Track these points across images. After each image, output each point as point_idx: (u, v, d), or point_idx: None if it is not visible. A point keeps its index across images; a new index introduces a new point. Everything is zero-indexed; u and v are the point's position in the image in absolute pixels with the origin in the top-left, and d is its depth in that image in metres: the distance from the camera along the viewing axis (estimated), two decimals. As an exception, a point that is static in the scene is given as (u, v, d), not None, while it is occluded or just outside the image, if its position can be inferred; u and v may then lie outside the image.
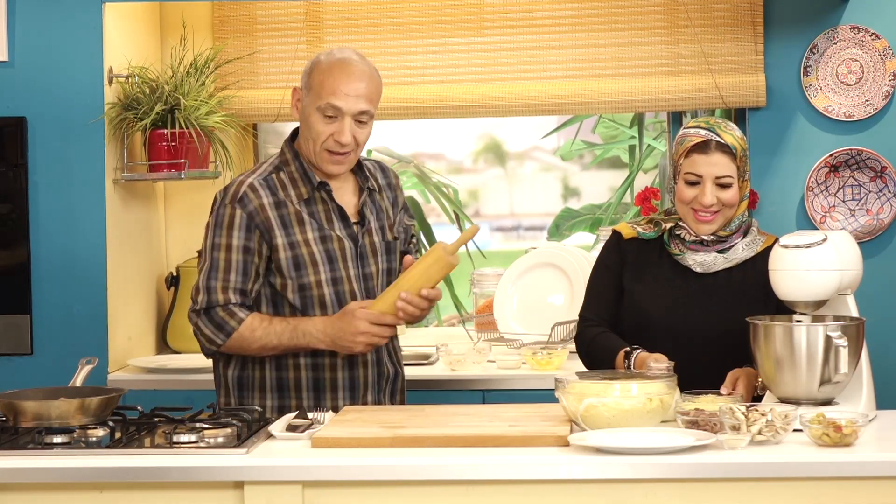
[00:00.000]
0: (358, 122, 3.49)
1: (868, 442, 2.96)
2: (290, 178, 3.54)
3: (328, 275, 3.50)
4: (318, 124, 3.48)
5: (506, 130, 5.65)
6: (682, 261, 3.52)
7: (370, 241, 3.58)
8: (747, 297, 3.47)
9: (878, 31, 4.54)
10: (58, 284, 4.40)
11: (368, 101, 3.50)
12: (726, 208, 3.46)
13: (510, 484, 2.86)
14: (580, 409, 3.04)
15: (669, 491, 2.84)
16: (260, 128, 5.08)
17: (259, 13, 4.82)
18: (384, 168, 3.74)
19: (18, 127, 4.38)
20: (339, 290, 3.51)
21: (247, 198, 3.50)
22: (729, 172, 3.44)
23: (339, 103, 3.46)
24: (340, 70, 3.48)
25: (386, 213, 3.64)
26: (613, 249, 3.62)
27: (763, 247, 3.53)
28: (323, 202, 3.54)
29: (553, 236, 5.39)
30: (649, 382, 3.08)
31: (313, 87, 3.49)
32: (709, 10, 4.67)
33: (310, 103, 3.50)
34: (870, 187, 4.55)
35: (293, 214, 3.50)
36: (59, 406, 3.07)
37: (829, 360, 3.13)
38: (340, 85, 3.46)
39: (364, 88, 3.49)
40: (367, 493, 2.87)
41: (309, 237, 3.50)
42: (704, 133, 3.45)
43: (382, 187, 3.67)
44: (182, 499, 2.90)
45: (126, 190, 4.55)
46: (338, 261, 3.52)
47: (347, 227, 3.55)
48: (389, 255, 3.62)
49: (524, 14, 4.76)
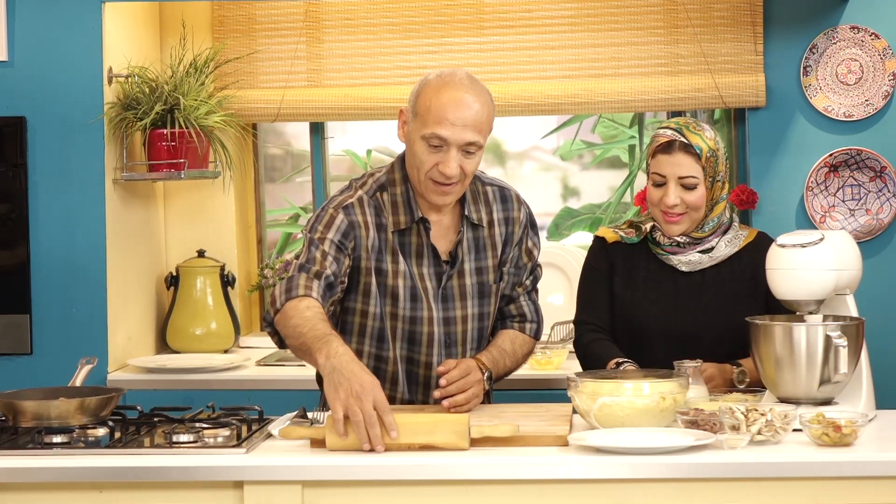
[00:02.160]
0: (465, 152, 3.26)
1: (868, 442, 2.96)
2: (391, 203, 3.35)
3: (406, 312, 3.34)
4: (423, 153, 3.26)
5: (505, 130, 5.64)
6: (667, 261, 3.52)
7: (459, 283, 3.39)
8: (736, 293, 3.48)
9: (877, 31, 4.54)
10: (57, 284, 4.40)
11: (477, 131, 3.25)
12: (692, 210, 3.46)
13: (510, 484, 2.86)
14: (594, 407, 3.03)
15: (669, 491, 2.84)
16: (259, 127, 5.08)
17: (258, 13, 4.82)
18: (507, 198, 3.47)
19: (18, 127, 4.38)
20: (415, 329, 3.36)
21: (352, 208, 3.32)
22: (693, 173, 3.43)
23: (444, 133, 3.22)
24: (449, 98, 3.23)
25: (491, 252, 3.43)
26: (601, 254, 3.61)
27: (746, 241, 3.54)
28: (417, 236, 3.36)
29: (553, 236, 5.38)
30: (662, 381, 3.07)
31: (419, 113, 3.26)
32: (708, 10, 4.67)
33: (415, 129, 3.27)
34: (869, 187, 4.55)
35: (388, 242, 3.34)
36: (58, 406, 3.07)
37: (828, 359, 3.13)
38: (447, 114, 3.22)
39: (472, 118, 3.23)
40: (367, 493, 2.87)
41: (399, 269, 3.33)
42: (671, 134, 3.46)
43: (497, 221, 3.44)
44: (182, 499, 2.89)
45: (126, 190, 4.55)
46: (419, 300, 3.35)
47: (438, 265, 3.37)
48: (483, 300, 3.42)
49: (523, 14, 4.76)
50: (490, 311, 3.46)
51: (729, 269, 3.51)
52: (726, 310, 3.42)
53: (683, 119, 3.51)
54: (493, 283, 3.43)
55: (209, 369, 4.44)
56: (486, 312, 3.44)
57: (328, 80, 4.81)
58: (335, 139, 5.18)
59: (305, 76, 4.81)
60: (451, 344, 3.40)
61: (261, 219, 5.14)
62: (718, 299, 3.48)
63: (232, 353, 4.78)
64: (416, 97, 3.29)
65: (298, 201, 5.44)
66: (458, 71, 3.32)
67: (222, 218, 4.92)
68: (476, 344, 3.45)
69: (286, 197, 5.49)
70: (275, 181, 5.46)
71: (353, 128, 5.41)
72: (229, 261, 4.87)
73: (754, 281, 3.46)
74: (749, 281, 3.48)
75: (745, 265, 3.49)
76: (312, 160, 5.06)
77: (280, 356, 4.66)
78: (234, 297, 4.86)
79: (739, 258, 3.51)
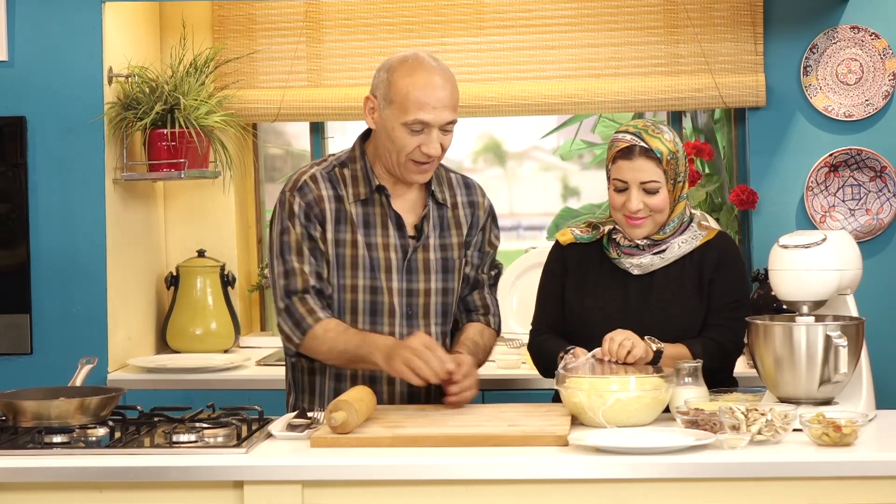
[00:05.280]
0: (444, 130, 3.36)
1: (868, 442, 2.96)
2: (352, 176, 3.44)
3: (367, 282, 3.41)
4: (404, 138, 3.34)
5: (505, 130, 5.65)
6: (619, 265, 3.52)
7: (423, 257, 3.45)
8: (683, 292, 3.47)
9: (877, 31, 4.54)
10: (57, 284, 4.40)
11: (453, 109, 3.37)
12: (656, 213, 3.46)
13: (510, 484, 2.86)
14: (607, 403, 3.06)
15: (669, 491, 2.84)
16: (260, 127, 5.08)
17: (258, 13, 4.83)
18: (470, 185, 3.58)
19: (18, 127, 4.39)
20: (376, 300, 3.41)
21: (307, 187, 3.41)
22: (654, 178, 3.43)
23: (427, 118, 3.32)
24: (424, 83, 3.33)
25: (456, 231, 3.50)
26: (556, 257, 3.62)
27: (703, 241, 3.51)
28: (381, 206, 3.42)
29: (553, 236, 5.39)
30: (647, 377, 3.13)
31: (396, 101, 3.34)
32: (708, 10, 4.67)
33: (392, 116, 3.35)
34: (869, 187, 4.55)
35: (347, 212, 3.41)
36: (58, 406, 3.07)
37: (828, 359, 3.12)
38: (427, 99, 3.32)
39: (448, 98, 3.35)
40: (367, 493, 2.87)
41: (358, 239, 3.41)
42: (630, 138, 3.44)
43: (462, 204, 3.53)
44: (182, 498, 2.89)
45: (126, 190, 4.55)
46: (380, 270, 3.41)
47: (402, 237, 3.44)
48: (447, 275, 3.47)
49: (522, 14, 4.76)
50: (454, 288, 3.51)
51: (678, 269, 3.49)
52: (673, 310, 3.42)
53: (642, 122, 3.49)
54: (458, 258, 3.50)
55: (209, 369, 4.44)
56: (451, 288, 3.50)
57: (328, 80, 4.81)
58: (335, 139, 5.18)
59: (305, 76, 4.81)
60: (412, 315, 3.44)
61: (261, 219, 5.14)
62: (665, 299, 3.47)
63: (232, 353, 4.78)
64: (389, 85, 3.37)
65: (298, 201, 5.43)
66: (419, 52, 3.42)
67: (222, 218, 4.92)
68: (441, 319, 3.49)
69: (286, 197, 5.48)
70: (275, 181, 5.46)
71: (353, 128, 5.40)
72: (229, 261, 4.87)
73: (702, 279, 3.46)
74: (697, 279, 3.47)
75: (695, 263, 3.48)
76: (312, 160, 5.06)
77: (280, 356, 4.66)
78: (234, 297, 4.86)
79: (691, 257, 3.50)
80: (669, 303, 3.45)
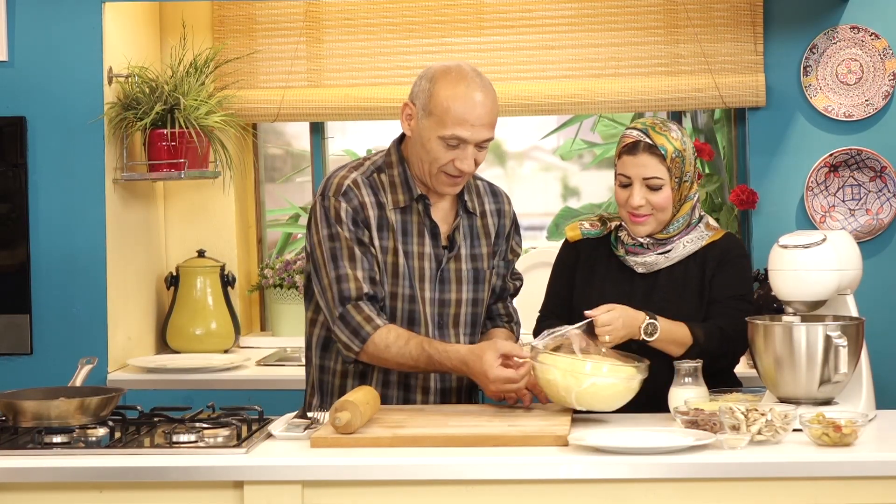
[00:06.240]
0: (479, 147, 3.32)
1: (868, 442, 2.96)
2: (390, 182, 3.38)
3: (406, 290, 3.36)
4: (439, 151, 3.30)
5: (505, 130, 5.64)
6: (626, 262, 3.52)
7: (455, 267, 3.42)
8: (686, 291, 3.47)
9: (877, 31, 4.54)
10: (57, 284, 4.40)
11: (491, 127, 3.32)
12: (658, 211, 3.45)
13: (510, 484, 2.86)
14: (582, 386, 3.11)
15: (669, 491, 2.84)
16: (259, 127, 5.08)
17: (258, 13, 4.83)
18: (497, 192, 3.55)
19: (18, 127, 4.39)
20: (414, 308, 3.37)
21: (351, 192, 3.34)
22: (657, 174, 3.43)
23: (465, 135, 3.27)
24: (466, 98, 3.27)
25: (485, 240, 3.48)
26: (568, 250, 3.63)
27: (709, 241, 3.51)
28: (418, 215, 3.39)
29: (553, 236, 5.38)
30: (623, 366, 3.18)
31: (435, 114, 3.29)
32: (708, 10, 4.67)
33: (429, 127, 3.30)
34: (869, 187, 4.55)
35: (388, 219, 3.36)
36: (58, 406, 3.07)
37: (828, 359, 3.12)
38: (466, 115, 3.27)
39: (488, 116, 3.29)
40: (367, 493, 2.87)
41: (398, 247, 3.36)
42: (636, 134, 3.45)
43: (490, 212, 3.50)
44: (182, 499, 2.89)
45: (126, 190, 4.55)
46: (415, 279, 3.37)
47: (436, 247, 3.41)
48: (477, 286, 3.46)
49: (522, 14, 4.76)
50: (484, 298, 3.50)
51: (682, 269, 3.49)
52: (673, 309, 3.42)
53: (651, 119, 3.49)
54: (488, 269, 3.49)
55: (209, 369, 4.44)
56: (481, 298, 3.49)
57: (328, 80, 4.81)
58: (335, 139, 5.19)
59: (305, 76, 4.81)
60: (443, 325, 3.43)
61: (261, 219, 5.14)
62: (667, 299, 3.47)
63: (232, 353, 4.78)
64: (429, 96, 3.31)
65: (298, 201, 5.44)
66: (462, 65, 3.36)
67: (222, 218, 4.92)
68: (470, 329, 3.48)
69: (286, 197, 5.49)
70: (275, 181, 5.46)
71: (353, 128, 5.41)
72: (229, 261, 4.87)
73: (704, 280, 3.46)
74: (699, 280, 3.47)
75: (698, 264, 3.48)
76: (312, 160, 5.06)
77: (280, 356, 4.66)
78: (234, 297, 4.86)
79: (695, 257, 3.50)
80: (672, 302, 3.46)
